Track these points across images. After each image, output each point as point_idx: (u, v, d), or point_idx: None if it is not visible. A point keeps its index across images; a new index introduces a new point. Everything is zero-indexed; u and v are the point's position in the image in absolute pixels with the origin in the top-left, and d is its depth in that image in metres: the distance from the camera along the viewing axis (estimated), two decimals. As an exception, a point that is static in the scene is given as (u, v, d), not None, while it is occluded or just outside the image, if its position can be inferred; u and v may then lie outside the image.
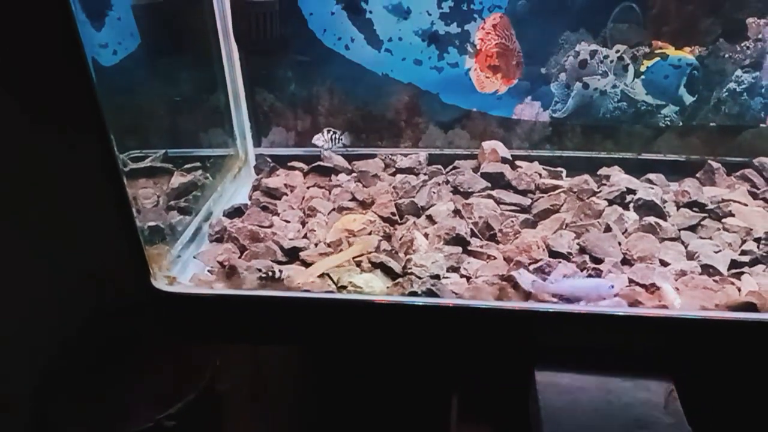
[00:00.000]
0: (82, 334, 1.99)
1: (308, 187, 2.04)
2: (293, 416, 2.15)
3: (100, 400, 1.87)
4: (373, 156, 2.14)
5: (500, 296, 1.48)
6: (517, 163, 2.05)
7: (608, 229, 1.70)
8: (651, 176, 1.97)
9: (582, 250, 1.65)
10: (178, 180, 1.90)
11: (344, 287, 1.53)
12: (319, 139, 1.98)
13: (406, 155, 2.12)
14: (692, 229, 1.74)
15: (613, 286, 1.45)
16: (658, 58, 1.94)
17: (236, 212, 1.90)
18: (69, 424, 1.81)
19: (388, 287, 1.54)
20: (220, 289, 1.54)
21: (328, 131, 1.97)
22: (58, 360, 1.95)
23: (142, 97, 1.81)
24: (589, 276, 1.54)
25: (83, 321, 1.98)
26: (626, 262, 1.61)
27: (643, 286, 1.50)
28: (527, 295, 1.47)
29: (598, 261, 1.60)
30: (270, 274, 1.53)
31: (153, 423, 1.80)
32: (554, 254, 1.63)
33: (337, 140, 1.97)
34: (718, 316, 1.40)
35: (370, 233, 1.75)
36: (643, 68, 1.96)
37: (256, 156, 2.19)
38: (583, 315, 1.42)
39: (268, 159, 2.14)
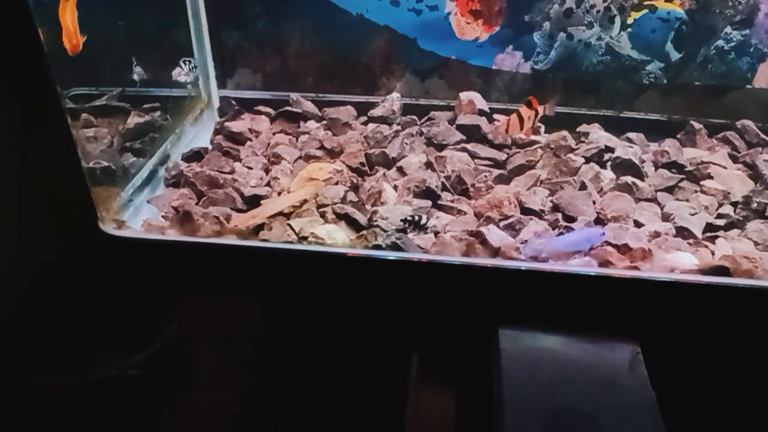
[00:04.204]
0: (41, 283, 1.91)
1: (274, 133, 1.94)
2: (259, 368, 2.12)
3: (65, 350, 1.82)
4: (344, 103, 2.03)
5: (467, 252, 1.42)
6: (495, 116, 1.96)
7: (583, 187, 1.65)
8: (631, 135, 1.90)
9: (555, 208, 1.59)
10: (134, 120, 1.80)
11: (305, 238, 1.46)
12: (180, 74, 1.91)
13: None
14: (669, 190, 1.70)
15: (604, 233, 1.42)
16: (646, 10, 1.84)
17: (195, 156, 1.80)
18: (33, 374, 1.76)
19: (351, 239, 1.47)
20: (173, 235, 1.45)
21: (185, 62, 1.91)
22: (20, 311, 1.87)
23: (95, 30, 1.67)
24: (560, 234, 1.48)
25: (42, 269, 1.90)
26: (600, 221, 1.56)
27: (615, 246, 1.45)
28: (495, 252, 1.41)
29: (571, 219, 1.55)
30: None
31: (117, 371, 1.76)
32: (526, 211, 1.57)
33: (194, 68, 1.92)
34: (690, 280, 1.36)
35: (336, 183, 1.67)
36: (630, 20, 1.87)
37: (221, 98, 2.07)
38: (551, 273, 1.37)
39: (233, 102, 2.02)
